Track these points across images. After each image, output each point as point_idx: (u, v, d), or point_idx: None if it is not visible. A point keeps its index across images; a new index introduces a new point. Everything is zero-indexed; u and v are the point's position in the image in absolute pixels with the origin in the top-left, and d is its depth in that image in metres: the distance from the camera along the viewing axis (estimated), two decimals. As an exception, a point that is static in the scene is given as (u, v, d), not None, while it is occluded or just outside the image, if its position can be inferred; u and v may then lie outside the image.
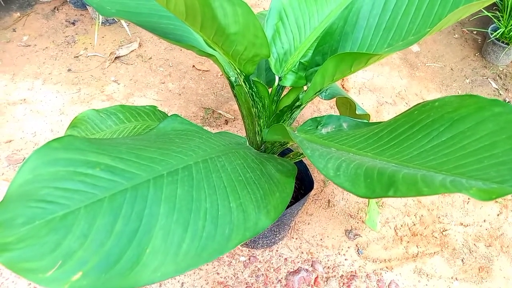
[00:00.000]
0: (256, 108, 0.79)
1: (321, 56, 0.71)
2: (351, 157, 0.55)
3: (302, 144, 0.55)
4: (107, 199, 0.44)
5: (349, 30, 0.69)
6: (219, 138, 0.67)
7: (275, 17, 0.75)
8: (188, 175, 0.52)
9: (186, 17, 0.54)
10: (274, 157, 0.71)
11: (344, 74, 0.66)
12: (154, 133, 0.62)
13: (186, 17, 0.54)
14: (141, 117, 0.84)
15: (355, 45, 0.69)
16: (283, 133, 0.63)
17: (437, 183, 0.39)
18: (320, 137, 0.71)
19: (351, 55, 0.57)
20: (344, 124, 0.74)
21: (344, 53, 0.57)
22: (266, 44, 0.60)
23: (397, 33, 0.65)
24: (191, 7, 0.50)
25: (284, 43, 0.75)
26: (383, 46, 0.66)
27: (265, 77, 0.90)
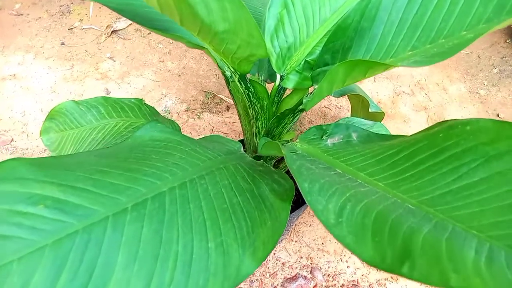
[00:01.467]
0: (253, 110, 0.69)
1: (330, 54, 0.60)
2: (359, 191, 0.45)
3: (299, 174, 0.45)
4: (49, 247, 0.35)
5: (366, 25, 0.57)
6: (205, 149, 0.58)
7: (279, 4, 0.63)
8: (159, 207, 0.43)
9: (161, 10, 0.43)
10: (270, 171, 0.61)
11: (356, 80, 0.55)
12: (129, 144, 0.53)
13: (162, 10, 0.43)
14: (124, 112, 0.74)
15: (372, 43, 0.58)
16: (279, 151, 0.54)
17: (469, 265, 0.29)
18: (324, 151, 0.61)
19: (365, 64, 0.47)
20: (354, 134, 0.63)
21: (357, 60, 0.46)
22: (263, 44, 0.49)
23: (425, 32, 0.53)
24: (164, 3, 0.39)
25: (289, 35, 0.64)
26: (406, 48, 0.54)
27: (267, 71, 0.79)
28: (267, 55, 0.52)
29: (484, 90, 1.42)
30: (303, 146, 0.64)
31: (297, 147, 0.64)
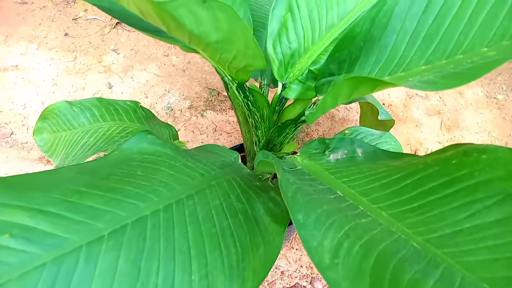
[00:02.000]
0: (252, 119, 0.65)
1: (337, 64, 0.55)
2: (359, 223, 0.41)
3: (294, 202, 0.41)
4: (13, 283, 0.32)
5: (376, 34, 0.52)
6: (198, 163, 0.54)
7: (284, 6, 0.59)
8: (140, 234, 0.40)
9: (145, 18, 0.39)
10: (267, 187, 0.57)
11: (362, 94, 0.51)
12: (115, 157, 0.49)
13: (146, 18, 0.39)
14: (118, 115, 0.71)
15: (383, 54, 0.53)
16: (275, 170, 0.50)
17: None
18: (326, 168, 0.56)
19: (371, 81, 0.42)
20: (359, 150, 0.59)
21: (363, 77, 0.42)
22: (260, 56, 0.45)
23: (441, 45, 0.48)
24: (146, 14, 0.35)
25: (292, 41, 0.59)
26: (420, 62, 0.49)
27: (270, 75, 0.74)
28: (265, 65, 0.48)
29: (502, 95, 1.35)
30: (303, 161, 0.60)
31: (297, 161, 0.60)
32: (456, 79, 0.37)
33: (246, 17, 0.66)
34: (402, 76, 0.50)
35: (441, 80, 0.39)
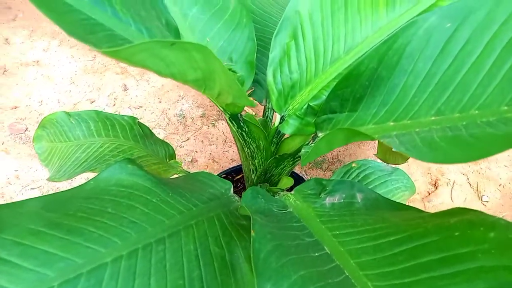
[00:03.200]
0: (248, 149, 0.61)
1: (339, 102, 0.50)
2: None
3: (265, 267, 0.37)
4: None
5: (384, 74, 0.47)
6: (179, 198, 0.50)
7: (288, 33, 0.54)
8: (94, 285, 0.37)
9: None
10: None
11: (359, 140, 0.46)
12: (89, 188, 0.47)
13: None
14: (114, 131, 0.69)
15: (390, 95, 0.47)
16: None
17: None
18: (318, 214, 0.52)
19: (367, 136, 0.37)
20: (359, 195, 0.54)
21: (359, 132, 0.37)
22: (243, 95, 0.41)
23: (456, 95, 0.42)
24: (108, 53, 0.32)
25: (294, 72, 0.54)
26: (430, 111, 0.43)
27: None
28: (253, 104, 0.43)
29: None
30: (296, 202, 0.55)
31: (289, 202, 0.56)
32: (462, 149, 0.32)
33: (250, 39, 0.62)
34: (408, 125, 0.45)
35: (445, 144, 0.34)
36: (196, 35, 0.63)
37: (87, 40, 0.27)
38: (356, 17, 0.51)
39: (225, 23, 0.64)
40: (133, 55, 0.29)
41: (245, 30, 0.63)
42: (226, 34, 0.64)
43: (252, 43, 0.62)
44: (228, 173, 0.92)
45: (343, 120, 0.51)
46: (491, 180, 1.16)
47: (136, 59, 0.29)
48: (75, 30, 0.29)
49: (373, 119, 0.48)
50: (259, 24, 0.79)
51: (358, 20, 0.51)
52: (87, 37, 0.32)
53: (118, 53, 0.27)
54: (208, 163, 1.15)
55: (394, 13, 0.49)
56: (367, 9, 0.50)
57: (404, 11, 0.48)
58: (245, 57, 0.62)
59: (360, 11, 0.51)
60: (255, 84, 0.73)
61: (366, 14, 0.50)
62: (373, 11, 0.50)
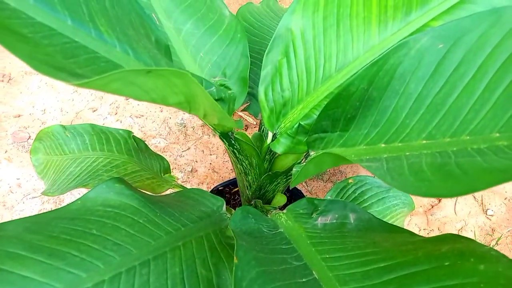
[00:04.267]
0: (241, 166, 0.60)
1: (330, 121, 0.49)
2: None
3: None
4: None
5: (375, 94, 0.46)
6: (167, 218, 0.50)
7: (279, 50, 0.53)
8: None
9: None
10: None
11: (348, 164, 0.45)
12: (75, 208, 0.46)
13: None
14: (108, 145, 0.68)
15: (381, 116, 0.46)
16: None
17: None
18: (309, 235, 0.51)
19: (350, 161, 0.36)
20: (352, 216, 0.53)
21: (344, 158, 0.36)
22: (228, 119, 0.40)
23: (447, 119, 0.41)
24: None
25: (286, 89, 0.54)
26: (421, 134, 0.42)
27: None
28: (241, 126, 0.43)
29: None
30: (288, 222, 0.54)
31: (280, 221, 0.55)
32: (447, 183, 0.30)
33: (244, 55, 0.62)
34: (399, 148, 0.43)
35: (431, 175, 0.32)
36: (189, 50, 0.63)
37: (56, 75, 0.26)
38: (348, 35, 0.50)
39: (219, 38, 0.64)
40: (107, 85, 0.28)
41: (239, 45, 0.63)
42: (220, 49, 0.63)
43: (245, 59, 0.61)
44: (225, 185, 0.91)
45: (335, 139, 0.50)
46: (497, 194, 1.14)
47: (111, 89, 0.29)
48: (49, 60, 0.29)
49: (365, 140, 0.47)
50: (257, 37, 0.79)
51: (350, 39, 0.50)
52: (64, 63, 0.31)
53: (90, 84, 0.27)
54: (208, 173, 1.15)
55: (386, 32, 0.48)
56: (359, 28, 0.49)
57: (396, 30, 0.47)
58: (239, 73, 0.61)
59: (352, 29, 0.50)
60: (250, 98, 0.72)
61: (358, 33, 0.49)
62: (365, 30, 0.49)
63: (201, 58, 0.63)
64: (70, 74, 0.30)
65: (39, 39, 0.33)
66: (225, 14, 0.66)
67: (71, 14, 0.38)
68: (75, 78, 0.29)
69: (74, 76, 0.30)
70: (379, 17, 0.48)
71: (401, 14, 0.47)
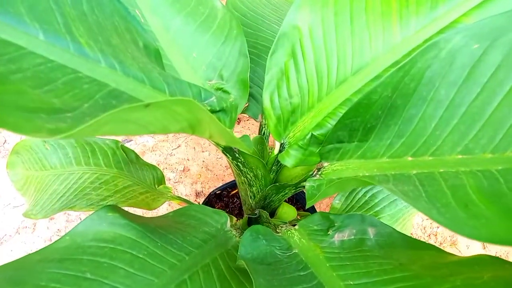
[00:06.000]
0: (245, 177, 0.55)
1: (347, 132, 0.44)
2: None
3: None
4: None
5: (400, 102, 0.40)
6: (169, 247, 0.44)
7: (285, 51, 0.47)
8: None
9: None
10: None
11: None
12: (63, 247, 0.40)
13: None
14: (94, 158, 0.62)
15: (406, 126, 0.41)
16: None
17: None
18: (328, 256, 0.46)
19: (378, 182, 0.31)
20: (370, 230, 0.48)
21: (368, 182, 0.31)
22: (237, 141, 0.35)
23: (486, 131, 0.36)
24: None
25: (294, 95, 0.48)
26: (455, 148, 0.37)
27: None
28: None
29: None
30: (301, 240, 0.50)
31: (293, 240, 0.50)
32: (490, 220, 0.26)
33: (243, 54, 0.56)
34: (430, 162, 0.39)
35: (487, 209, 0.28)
36: (181, 51, 0.56)
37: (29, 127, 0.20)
38: (364, 32, 0.44)
39: (213, 36, 0.57)
40: (97, 130, 0.22)
41: (236, 43, 0.56)
42: (215, 48, 0.57)
43: (244, 59, 0.55)
44: (223, 189, 0.86)
45: (352, 150, 0.45)
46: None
47: (102, 132, 0.23)
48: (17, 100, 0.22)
49: (388, 151, 0.42)
50: (251, 28, 0.72)
51: (367, 36, 0.44)
52: (38, 97, 0.25)
53: (76, 135, 0.21)
54: (201, 171, 1.09)
55: (408, 30, 0.42)
56: (377, 24, 0.44)
57: (421, 28, 0.42)
58: (238, 75, 0.55)
59: (369, 26, 0.44)
60: (249, 99, 0.66)
61: (376, 30, 0.44)
62: (384, 26, 0.43)
63: (194, 59, 0.56)
64: (47, 114, 0.23)
65: (5, 64, 0.26)
66: (217, 7, 0.59)
67: (43, 26, 0.31)
68: (54, 122, 0.22)
69: (52, 115, 0.24)
70: (399, 12, 0.42)
71: (426, 8, 0.41)
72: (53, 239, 0.98)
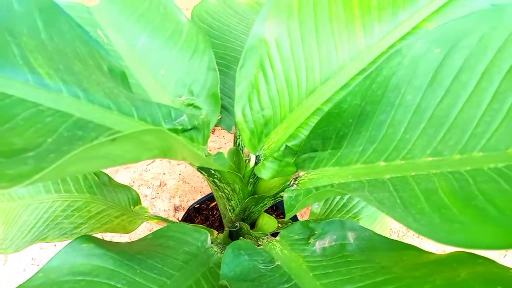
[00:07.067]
0: (222, 192, 0.54)
1: (320, 140, 0.44)
2: None
3: None
4: None
5: (369, 109, 0.41)
6: (150, 273, 0.43)
7: (254, 64, 0.47)
8: None
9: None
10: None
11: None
12: (39, 284, 0.38)
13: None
14: (65, 185, 0.59)
15: (377, 132, 0.42)
16: None
17: None
18: (311, 265, 0.46)
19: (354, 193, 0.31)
20: (351, 235, 0.49)
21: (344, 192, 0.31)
22: (211, 163, 0.34)
23: (454, 133, 0.37)
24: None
25: (266, 107, 0.48)
26: (425, 151, 0.38)
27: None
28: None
29: None
30: (283, 251, 0.49)
31: (275, 252, 0.50)
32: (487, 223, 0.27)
33: (211, 68, 0.55)
34: (402, 166, 0.39)
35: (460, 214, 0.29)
36: (148, 68, 0.55)
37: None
38: (330, 41, 0.45)
39: (180, 51, 0.56)
40: (62, 172, 0.21)
41: (204, 57, 0.56)
42: (183, 64, 0.56)
43: (213, 73, 0.54)
44: (202, 202, 0.85)
45: (327, 158, 0.46)
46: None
47: (68, 173, 0.22)
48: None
49: (361, 157, 0.43)
50: (219, 39, 0.72)
51: (332, 45, 0.45)
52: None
53: (41, 179, 0.20)
54: (179, 185, 1.08)
55: (373, 37, 0.43)
56: (341, 32, 0.44)
57: (385, 34, 0.43)
58: (208, 90, 0.54)
59: (334, 35, 0.45)
60: (221, 110, 0.66)
61: (342, 38, 0.44)
62: (349, 34, 0.44)
63: (162, 76, 0.55)
64: (7, 158, 0.22)
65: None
66: (183, 21, 0.58)
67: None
68: (15, 166, 0.21)
69: (13, 157, 0.23)
70: (362, 20, 0.43)
71: (388, 15, 0.42)
72: (27, 269, 0.94)
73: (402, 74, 0.39)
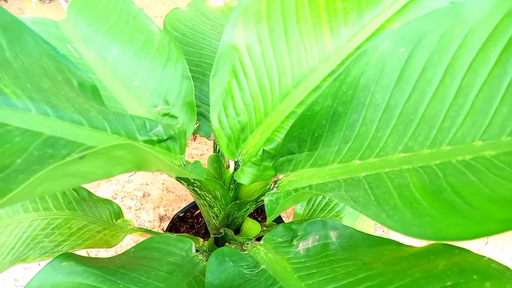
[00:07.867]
0: (204, 200, 0.54)
1: (296, 143, 0.45)
2: None
3: None
4: None
5: (341, 110, 0.42)
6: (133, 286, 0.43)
7: (227, 71, 0.47)
8: None
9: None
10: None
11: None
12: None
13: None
14: (43, 202, 0.58)
15: (351, 131, 0.43)
16: None
17: None
18: (295, 267, 0.47)
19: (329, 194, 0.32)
20: (333, 234, 0.50)
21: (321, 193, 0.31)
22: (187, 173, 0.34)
23: (422, 129, 0.38)
24: None
25: (241, 113, 0.48)
26: (397, 147, 0.39)
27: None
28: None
29: None
30: (268, 255, 0.50)
31: (260, 256, 0.50)
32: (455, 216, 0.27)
33: (185, 77, 0.55)
34: (376, 163, 0.40)
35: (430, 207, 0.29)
36: (121, 80, 0.55)
37: None
38: (299, 45, 0.46)
39: (153, 61, 0.56)
40: (30, 193, 0.21)
41: (178, 66, 0.56)
42: (157, 74, 0.56)
43: (188, 82, 0.55)
44: (186, 210, 0.84)
45: (304, 159, 0.46)
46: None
47: (37, 194, 0.22)
48: None
49: (337, 157, 0.44)
50: (193, 46, 0.72)
51: (302, 49, 0.46)
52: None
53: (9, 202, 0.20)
54: (162, 194, 1.07)
55: (340, 39, 0.44)
56: (310, 36, 0.45)
57: (351, 36, 0.44)
58: (183, 98, 0.54)
59: (303, 38, 0.45)
60: (199, 118, 0.66)
61: (311, 41, 0.45)
62: (317, 37, 0.45)
63: (136, 87, 0.55)
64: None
65: None
66: (154, 31, 0.58)
67: (-40, 82, 0.29)
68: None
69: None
70: (329, 23, 0.44)
71: (353, 17, 0.43)
72: (11, 290, 0.92)
73: (370, 74, 0.40)
